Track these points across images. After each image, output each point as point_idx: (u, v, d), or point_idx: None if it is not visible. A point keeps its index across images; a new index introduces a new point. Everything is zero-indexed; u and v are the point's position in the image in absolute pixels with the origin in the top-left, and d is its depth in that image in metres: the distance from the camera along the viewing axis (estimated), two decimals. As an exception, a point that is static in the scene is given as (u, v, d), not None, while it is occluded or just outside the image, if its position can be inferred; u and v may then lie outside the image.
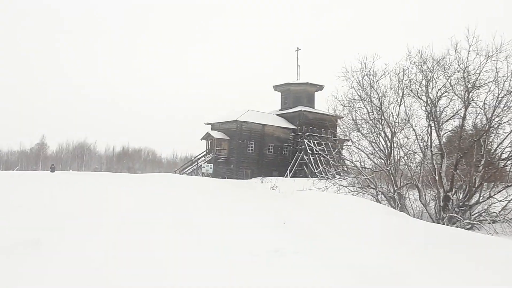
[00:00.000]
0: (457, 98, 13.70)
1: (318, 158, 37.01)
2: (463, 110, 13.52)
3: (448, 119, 14.05)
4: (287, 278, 4.27)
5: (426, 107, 14.14)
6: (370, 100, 15.34)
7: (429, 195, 14.00)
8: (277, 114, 43.66)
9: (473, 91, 13.30)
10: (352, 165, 16.30)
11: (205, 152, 40.83)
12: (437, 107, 13.98)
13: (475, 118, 13.70)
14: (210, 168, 36.35)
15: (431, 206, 13.74)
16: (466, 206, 13.02)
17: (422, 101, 14.27)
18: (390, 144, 14.76)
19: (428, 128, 14.19)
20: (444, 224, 11.74)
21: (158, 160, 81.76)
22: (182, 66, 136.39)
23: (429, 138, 14.16)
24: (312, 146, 38.74)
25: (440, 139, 13.93)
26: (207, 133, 40.25)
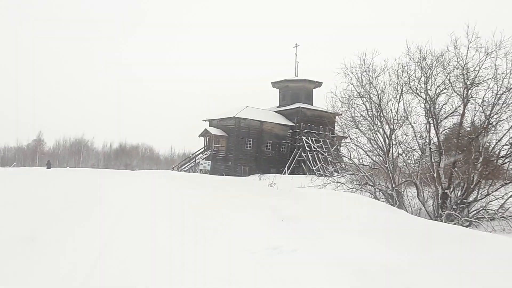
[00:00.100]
0: (456, 95, 13.64)
1: (316, 155, 37.03)
2: (462, 107, 13.47)
3: (446, 116, 13.99)
4: (286, 276, 4.21)
5: (425, 104, 14.08)
6: (369, 96, 15.26)
7: (427, 193, 13.98)
8: (275, 111, 43.60)
9: (472, 88, 13.25)
10: (350, 162, 16.25)
11: (203, 149, 40.74)
12: (436, 104, 13.92)
13: (474, 115, 13.67)
14: (208, 165, 36.26)
15: (429, 204, 13.72)
16: (464, 203, 13.00)
17: (421, 98, 14.20)
18: (388, 141, 14.71)
19: (426, 125, 14.15)
20: (442, 221, 11.73)
21: (156, 157, 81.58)
22: (180, 63, 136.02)
23: (427, 135, 14.13)
24: (310, 143, 38.75)
25: (438, 136, 13.89)
26: (205, 129, 40.14)
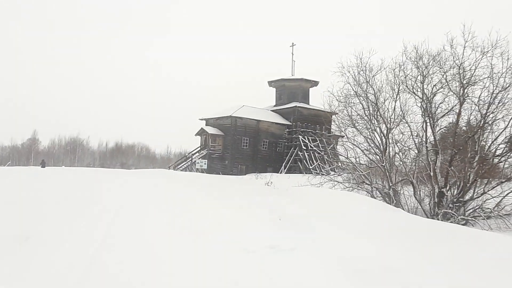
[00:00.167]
0: (452, 94, 13.71)
1: (312, 154, 37.05)
2: (458, 106, 13.53)
3: (443, 115, 14.04)
4: (284, 276, 4.18)
5: (422, 103, 14.12)
6: (365, 95, 15.27)
7: (423, 191, 14.02)
8: (272, 110, 43.58)
9: (468, 87, 13.31)
10: (347, 161, 16.25)
11: (199, 148, 40.63)
12: (432, 103, 13.97)
13: (470, 114, 13.75)
14: (205, 164, 36.15)
15: (426, 202, 13.77)
16: (460, 202, 13.05)
17: (418, 97, 14.24)
18: (385, 140, 14.73)
19: (423, 124, 14.19)
20: (438, 220, 11.75)
21: (152, 156, 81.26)
22: (176, 62, 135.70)
23: (424, 134, 14.16)
24: (306, 142, 38.77)
25: (435, 135, 13.93)
26: (202, 128, 40.03)
